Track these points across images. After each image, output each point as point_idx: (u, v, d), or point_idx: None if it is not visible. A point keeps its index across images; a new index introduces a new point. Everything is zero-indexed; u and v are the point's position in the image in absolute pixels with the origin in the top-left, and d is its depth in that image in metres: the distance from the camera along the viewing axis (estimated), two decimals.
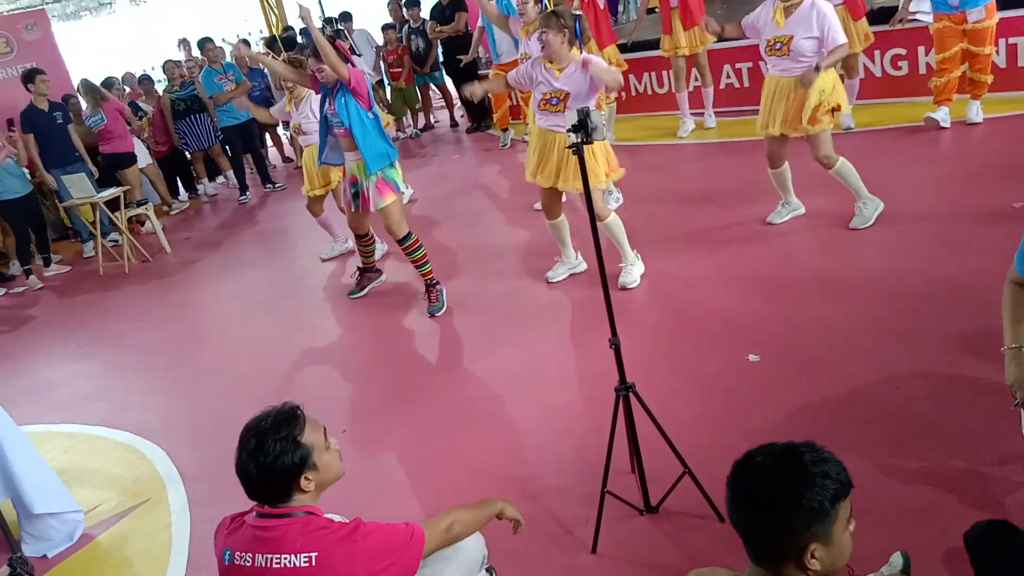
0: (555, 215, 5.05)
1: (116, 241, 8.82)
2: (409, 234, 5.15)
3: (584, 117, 2.58)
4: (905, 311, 3.94)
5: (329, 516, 2.17)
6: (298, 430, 2.04)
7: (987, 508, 2.61)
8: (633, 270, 4.92)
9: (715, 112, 8.06)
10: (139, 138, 9.52)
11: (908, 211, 4.95)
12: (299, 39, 10.87)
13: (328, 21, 12.27)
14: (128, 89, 11.00)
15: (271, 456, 1.98)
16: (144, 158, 9.75)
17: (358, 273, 5.91)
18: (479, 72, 9.51)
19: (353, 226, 5.56)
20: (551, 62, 4.53)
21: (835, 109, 4.76)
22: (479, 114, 10.80)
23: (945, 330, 3.69)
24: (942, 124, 6.30)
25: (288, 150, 11.94)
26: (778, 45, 4.71)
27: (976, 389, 3.22)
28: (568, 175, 4.64)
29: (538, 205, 6.61)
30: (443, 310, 5.25)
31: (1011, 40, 6.53)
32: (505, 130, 9.55)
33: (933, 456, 2.91)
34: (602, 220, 4.75)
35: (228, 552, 2.08)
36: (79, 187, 8.06)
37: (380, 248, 6.37)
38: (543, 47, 4.49)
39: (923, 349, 3.58)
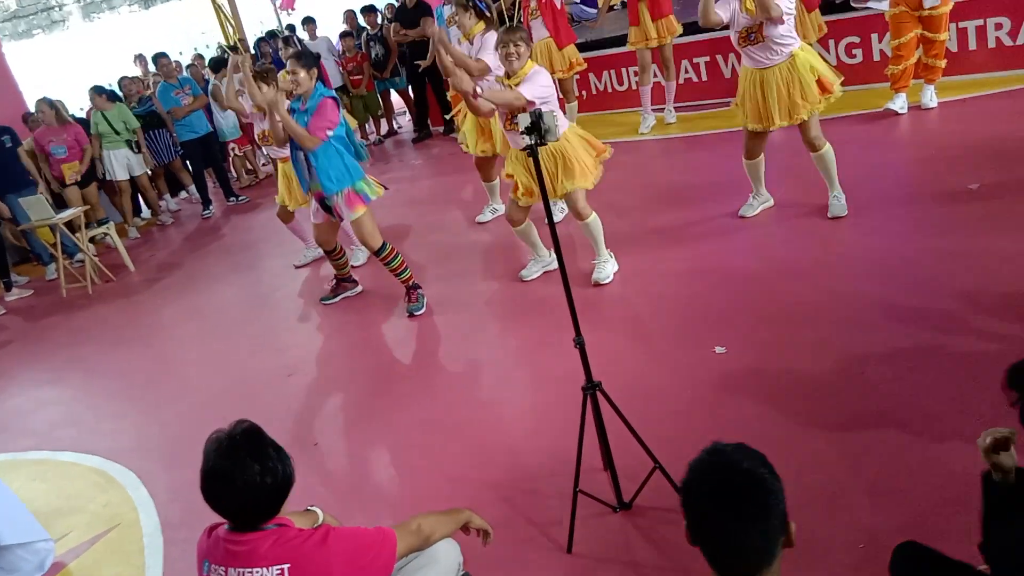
0: (519, 223, 5.04)
1: (82, 262, 8.70)
2: (384, 245, 5.15)
3: (536, 119, 2.59)
4: (866, 296, 4.00)
5: (300, 527, 2.15)
6: (268, 437, 2.04)
7: (953, 488, 2.65)
8: (606, 267, 4.94)
9: (674, 107, 8.11)
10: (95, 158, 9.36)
11: (868, 198, 5.02)
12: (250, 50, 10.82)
13: (290, 28, 12.21)
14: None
15: (279, 464, 1.99)
16: (132, 170, 9.65)
17: (334, 281, 5.88)
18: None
19: (321, 241, 5.52)
20: (508, 77, 4.54)
21: (831, 87, 4.73)
22: (422, 119, 10.77)
23: (906, 312, 3.75)
24: (899, 111, 6.40)
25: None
26: (751, 35, 4.71)
27: (940, 369, 3.27)
28: (561, 178, 4.63)
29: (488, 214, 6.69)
30: (422, 311, 5.26)
31: (961, 24, 6.64)
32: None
33: (900, 440, 2.95)
34: (583, 220, 4.77)
35: (207, 563, 2.07)
36: (37, 209, 7.92)
37: (363, 254, 6.38)
38: (510, 62, 4.50)
39: (885, 333, 3.64)
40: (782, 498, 1.50)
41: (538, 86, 4.40)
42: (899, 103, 6.39)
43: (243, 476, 1.93)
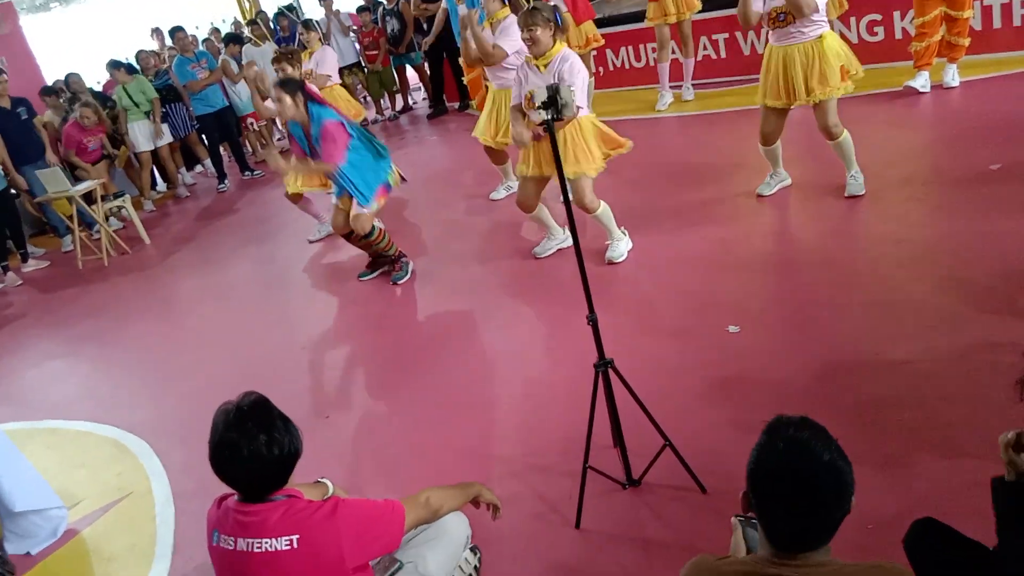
0: (531, 208, 5.01)
1: (99, 233, 8.72)
2: (373, 228, 5.26)
3: (554, 93, 2.57)
4: (883, 277, 3.95)
5: (309, 499, 2.16)
6: (276, 409, 2.04)
7: (968, 470, 2.63)
8: (620, 245, 4.90)
9: (692, 84, 8.02)
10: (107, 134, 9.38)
11: (888, 177, 4.95)
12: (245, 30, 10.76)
13: (289, 8, 12.05)
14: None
15: (286, 436, 2.00)
16: (153, 141, 9.69)
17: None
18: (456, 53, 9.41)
19: (337, 226, 5.52)
20: (536, 59, 4.54)
21: (850, 75, 4.66)
22: (438, 95, 10.72)
23: (926, 294, 3.70)
24: (921, 90, 6.30)
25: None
26: (781, 16, 4.64)
27: (957, 352, 3.23)
28: (567, 160, 4.56)
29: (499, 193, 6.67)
30: (406, 278, 5.45)
31: (986, 2, 6.52)
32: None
33: (915, 422, 2.92)
34: (591, 213, 4.76)
35: (216, 533, 2.08)
36: (53, 181, 7.96)
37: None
38: (531, 45, 4.51)
39: (903, 314, 3.60)
40: (852, 481, 1.53)
41: (568, 71, 4.43)
42: (921, 81, 6.29)
43: (250, 447, 1.94)
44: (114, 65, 9.50)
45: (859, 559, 2.15)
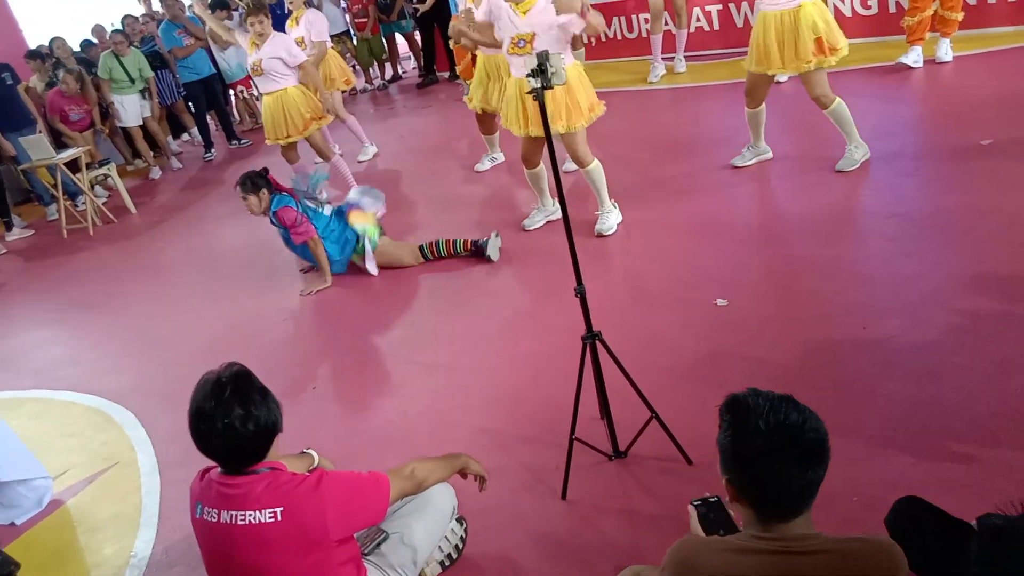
0: (534, 164, 4.96)
1: (84, 203, 8.63)
2: (422, 254, 5.21)
3: (543, 61, 2.52)
4: (872, 251, 3.96)
5: (294, 470, 2.15)
6: (258, 381, 2.02)
7: (954, 444, 2.64)
8: (610, 218, 4.87)
9: (685, 56, 7.96)
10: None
11: (878, 150, 4.93)
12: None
13: None
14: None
15: (264, 410, 1.98)
16: (146, 110, 9.56)
17: None
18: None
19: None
20: (516, 3, 4.36)
21: (833, 49, 4.59)
22: (429, 65, 10.59)
23: (912, 268, 3.70)
24: (913, 65, 6.26)
25: None
26: None
27: (944, 325, 3.24)
28: (555, 116, 4.45)
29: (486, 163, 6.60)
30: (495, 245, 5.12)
31: None
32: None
33: (902, 393, 2.93)
34: (585, 166, 4.68)
35: (199, 505, 2.07)
36: (37, 149, 7.85)
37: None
38: None
39: (890, 287, 3.60)
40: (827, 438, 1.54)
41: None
42: (913, 57, 6.25)
43: (224, 419, 1.92)
44: (118, 32, 9.37)
45: (844, 532, 2.17)
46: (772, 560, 1.53)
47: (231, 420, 1.92)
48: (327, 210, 5.22)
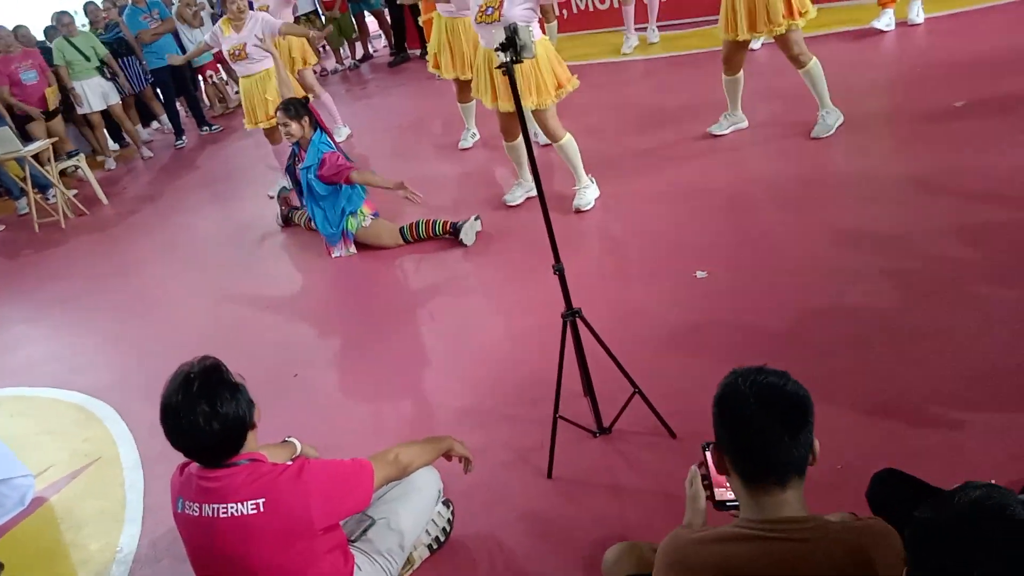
0: (513, 137, 4.88)
1: (54, 196, 8.49)
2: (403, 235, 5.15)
3: (512, 34, 2.48)
4: (850, 217, 3.96)
5: (275, 460, 2.13)
6: (229, 376, 1.98)
7: (935, 410, 2.66)
8: (587, 193, 4.83)
9: (657, 26, 7.90)
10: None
11: (853, 115, 4.92)
12: None
13: None
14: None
15: (231, 406, 1.93)
16: (107, 99, 9.34)
17: None
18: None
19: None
20: None
21: (802, 13, 4.58)
22: (400, 43, 10.43)
23: (890, 233, 3.71)
24: (885, 29, 6.25)
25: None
26: None
27: (924, 289, 3.25)
28: (525, 93, 4.38)
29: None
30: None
31: None
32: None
33: (882, 361, 2.94)
34: (557, 141, 4.64)
35: (181, 500, 2.05)
36: (3, 142, 7.69)
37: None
38: None
39: (868, 254, 3.60)
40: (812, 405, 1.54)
41: None
42: (885, 20, 6.24)
43: (190, 416, 1.90)
44: (62, 14, 9.10)
45: (829, 499, 2.18)
46: (766, 547, 1.49)
47: (195, 417, 1.89)
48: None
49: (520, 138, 4.90)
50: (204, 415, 1.89)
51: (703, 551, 1.55)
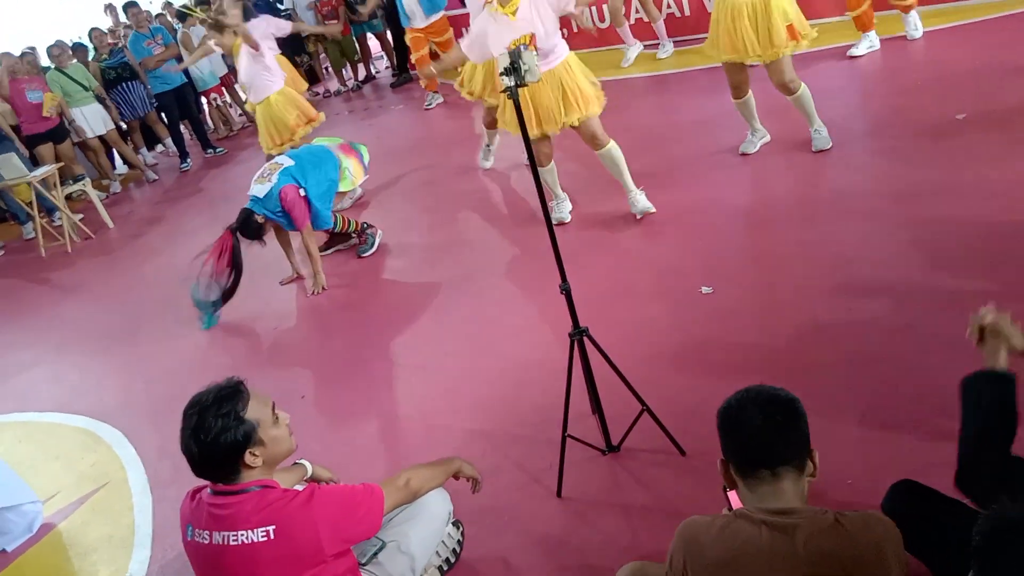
0: (549, 160, 4.79)
1: (60, 220, 8.53)
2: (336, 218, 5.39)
3: (516, 59, 2.51)
4: (853, 232, 3.95)
5: (286, 486, 2.13)
6: (241, 406, 1.98)
7: (944, 422, 2.65)
8: (640, 197, 4.72)
9: (672, 41, 7.94)
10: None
11: (852, 132, 4.94)
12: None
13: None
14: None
15: (212, 433, 1.93)
16: (107, 124, 9.42)
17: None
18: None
19: None
20: (503, 6, 4.19)
21: (803, 35, 4.56)
22: (402, 63, 10.47)
23: (894, 249, 3.71)
24: (867, 52, 6.19)
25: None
26: None
27: (929, 305, 3.24)
28: (571, 108, 4.37)
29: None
30: (372, 251, 5.47)
31: None
32: (435, 92, 8.96)
33: (890, 376, 2.93)
34: (600, 148, 4.57)
35: (190, 528, 2.05)
36: (9, 168, 7.75)
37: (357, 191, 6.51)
38: None
39: (873, 270, 3.60)
40: (807, 424, 1.73)
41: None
42: (865, 44, 6.16)
43: (187, 430, 1.97)
44: (58, 45, 9.20)
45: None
46: (766, 531, 1.62)
47: (187, 434, 1.96)
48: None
49: (552, 165, 4.83)
50: (192, 431, 1.96)
51: (713, 530, 1.69)
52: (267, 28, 6.33)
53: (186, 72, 9.90)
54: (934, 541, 1.89)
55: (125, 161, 10.48)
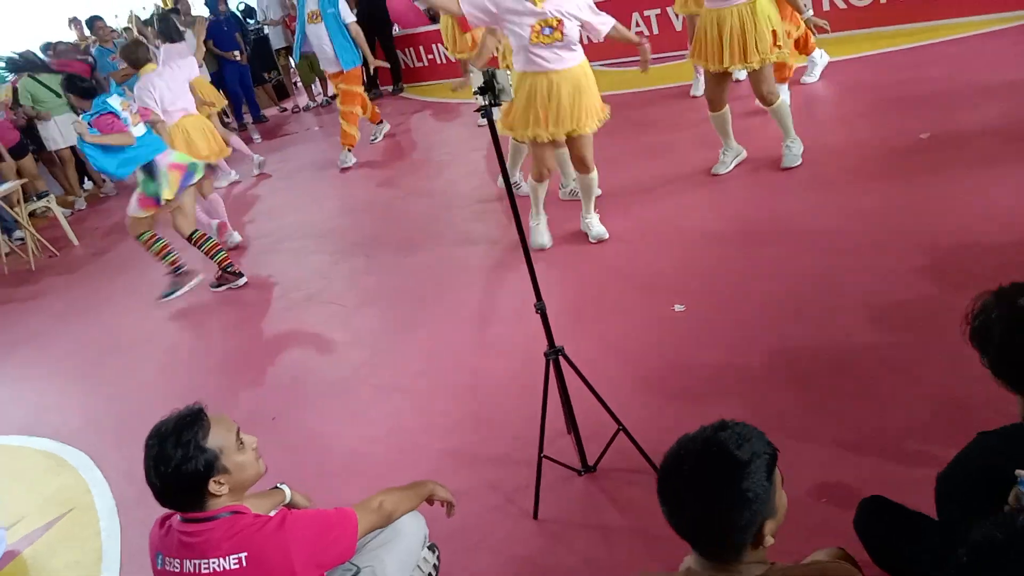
0: (550, 174, 4.71)
1: (21, 239, 8.38)
2: (194, 232, 5.51)
3: (490, 78, 2.51)
4: (824, 250, 4.00)
5: (258, 512, 2.09)
6: (201, 434, 1.93)
7: (915, 440, 2.68)
8: (596, 223, 4.82)
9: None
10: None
11: (821, 151, 5.01)
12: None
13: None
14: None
15: (173, 464, 1.89)
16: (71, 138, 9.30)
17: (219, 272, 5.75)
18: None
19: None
20: None
21: (781, 46, 4.67)
22: (372, 79, 10.33)
23: (864, 266, 3.76)
24: (818, 78, 6.31)
25: None
26: None
27: (900, 321, 3.29)
28: (582, 111, 4.30)
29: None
30: (174, 296, 5.68)
31: None
32: (380, 122, 8.84)
33: (861, 391, 2.97)
34: (588, 172, 4.59)
35: (160, 556, 2.01)
36: None
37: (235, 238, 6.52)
38: None
39: (844, 287, 3.64)
40: (762, 494, 1.44)
41: None
42: (820, 67, 6.30)
43: (152, 463, 1.92)
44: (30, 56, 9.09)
45: (813, 534, 2.19)
46: None
47: (157, 464, 1.90)
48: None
49: (546, 183, 4.76)
50: (153, 459, 1.91)
51: None
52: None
53: None
54: (904, 556, 1.91)
55: (90, 178, 10.32)
